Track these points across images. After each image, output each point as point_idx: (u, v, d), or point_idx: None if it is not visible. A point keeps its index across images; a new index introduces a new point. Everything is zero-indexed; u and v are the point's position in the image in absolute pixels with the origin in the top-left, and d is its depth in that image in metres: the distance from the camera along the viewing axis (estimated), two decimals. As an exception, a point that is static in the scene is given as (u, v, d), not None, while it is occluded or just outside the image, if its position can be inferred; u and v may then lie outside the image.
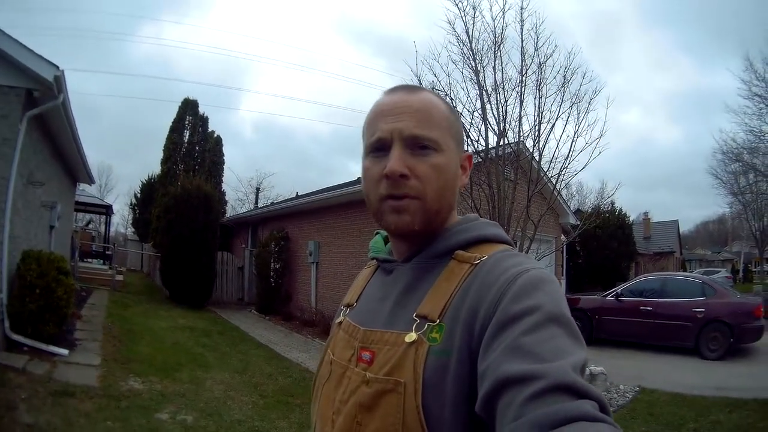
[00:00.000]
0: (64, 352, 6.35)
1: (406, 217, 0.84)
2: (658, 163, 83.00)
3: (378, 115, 0.88)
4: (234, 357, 8.30)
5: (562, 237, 14.03)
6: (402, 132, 0.84)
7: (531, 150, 6.95)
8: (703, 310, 9.08)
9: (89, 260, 17.72)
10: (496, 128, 6.74)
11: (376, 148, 0.86)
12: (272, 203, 24.43)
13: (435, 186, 0.84)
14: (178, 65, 67.35)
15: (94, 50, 56.46)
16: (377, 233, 1.07)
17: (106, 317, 9.38)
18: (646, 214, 35.90)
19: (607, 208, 19.31)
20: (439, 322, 0.77)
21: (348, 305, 0.99)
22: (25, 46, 6.21)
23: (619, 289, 10.62)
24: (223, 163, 25.25)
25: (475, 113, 6.85)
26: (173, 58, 72.65)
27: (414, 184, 0.83)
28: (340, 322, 0.96)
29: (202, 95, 56.77)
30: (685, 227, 51.18)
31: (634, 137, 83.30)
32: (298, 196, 20.25)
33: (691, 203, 77.34)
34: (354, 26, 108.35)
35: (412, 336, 0.77)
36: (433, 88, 6.93)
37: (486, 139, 6.74)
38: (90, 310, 9.61)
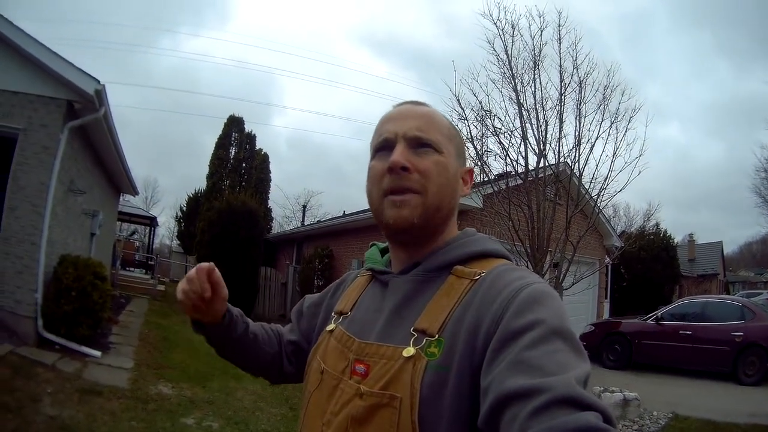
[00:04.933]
0: (97, 353, 6.47)
1: (405, 211, 0.85)
2: (701, 180, 78.57)
3: (384, 121, 0.93)
4: (269, 370, 8.25)
5: (606, 259, 13.63)
6: (406, 133, 0.88)
7: (571, 170, 6.78)
8: (741, 333, 8.74)
9: (131, 269, 18.30)
10: (535, 148, 6.62)
11: (382, 148, 0.90)
12: (318, 221, 24.72)
13: (436, 182, 0.86)
14: (212, 81, 68.25)
15: (127, 64, 57.90)
16: (373, 244, 1.07)
17: (143, 324, 9.54)
18: (691, 235, 34.51)
19: (652, 230, 18.82)
20: (438, 337, 0.76)
21: (341, 313, 0.98)
22: (65, 59, 6.47)
23: (659, 312, 10.25)
24: (270, 180, 25.92)
25: (515, 133, 6.74)
26: (203, 73, 74.10)
27: (416, 178, 0.85)
28: (332, 330, 0.95)
29: (238, 110, 57.35)
30: (729, 249, 48.84)
31: (677, 154, 79.77)
32: (345, 215, 20.40)
33: (736, 222, 72.16)
34: (380, 38, 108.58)
35: (410, 350, 0.76)
36: (481, 107, 6.86)
37: (525, 160, 6.62)
38: (128, 317, 9.83)
